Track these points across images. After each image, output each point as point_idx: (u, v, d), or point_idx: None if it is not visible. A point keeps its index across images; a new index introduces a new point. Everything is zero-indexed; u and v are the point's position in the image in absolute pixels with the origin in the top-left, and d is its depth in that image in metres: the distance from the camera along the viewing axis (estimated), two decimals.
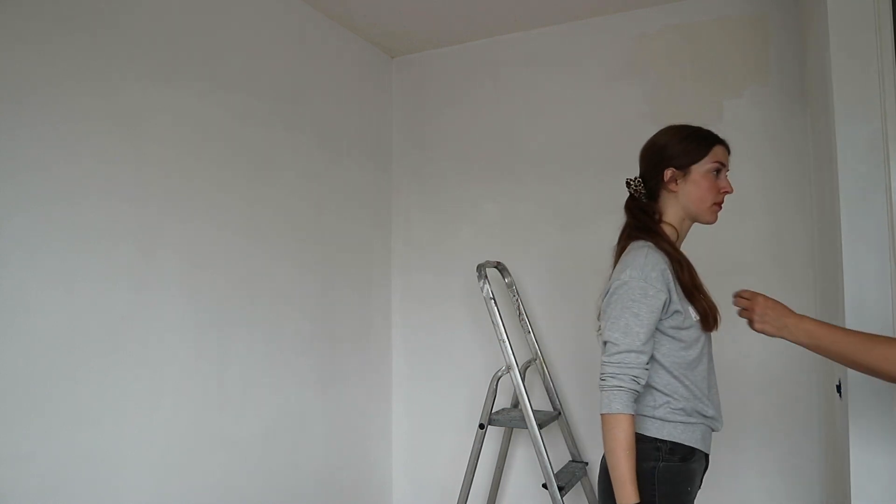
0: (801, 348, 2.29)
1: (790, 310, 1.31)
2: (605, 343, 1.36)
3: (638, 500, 1.26)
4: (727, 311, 1.46)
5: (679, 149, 1.44)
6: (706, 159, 1.43)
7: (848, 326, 1.57)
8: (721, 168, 1.45)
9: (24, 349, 1.52)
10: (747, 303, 1.36)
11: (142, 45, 1.84)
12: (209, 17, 2.07)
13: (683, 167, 1.44)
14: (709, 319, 1.40)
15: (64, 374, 1.60)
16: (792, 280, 2.30)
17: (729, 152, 1.48)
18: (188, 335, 1.95)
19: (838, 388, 1.72)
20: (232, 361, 2.11)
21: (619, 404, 1.28)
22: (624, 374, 1.30)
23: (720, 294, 1.47)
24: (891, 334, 1.54)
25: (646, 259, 1.35)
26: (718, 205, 1.46)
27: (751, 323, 1.35)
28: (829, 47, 1.63)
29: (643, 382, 1.32)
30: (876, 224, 1.56)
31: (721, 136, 1.48)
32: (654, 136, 1.51)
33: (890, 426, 1.53)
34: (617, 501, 1.27)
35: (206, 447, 2.00)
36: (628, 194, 1.53)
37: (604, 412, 1.31)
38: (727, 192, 1.46)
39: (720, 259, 2.31)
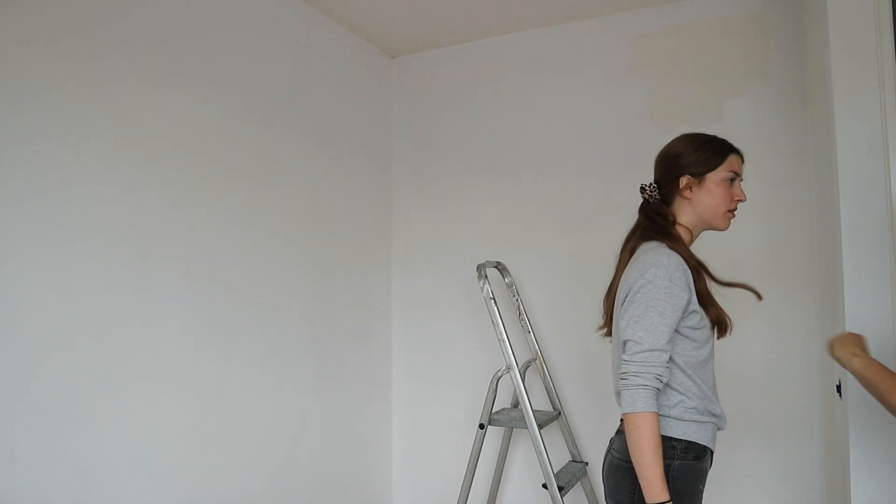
0: (802, 350, 2.29)
1: (863, 347, 1.32)
2: (625, 342, 1.35)
3: (668, 499, 1.25)
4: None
5: (695, 157, 1.46)
6: (721, 168, 1.45)
7: (847, 327, 1.57)
8: (735, 177, 1.47)
9: (23, 349, 1.52)
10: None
11: (142, 45, 1.84)
12: (209, 18, 2.07)
13: (698, 175, 1.46)
14: (724, 326, 1.42)
15: (63, 374, 1.60)
16: (792, 280, 2.30)
17: (743, 161, 1.50)
18: (188, 336, 1.95)
19: (838, 388, 1.72)
20: (232, 361, 2.11)
21: (644, 403, 1.28)
22: (647, 373, 1.30)
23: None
24: (890, 334, 1.54)
25: (669, 259, 1.35)
26: (732, 212, 1.49)
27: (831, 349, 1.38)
28: (829, 47, 1.63)
29: (665, 381, 1.32)
30: (876, 224, 1.56)
31: (735, 144, 1.49)
32: (670, 143, 1.53)
33: (890, 426, 1.53)
34: (647, 500, 1.26)
35: (206, 447, 2.00)
36: (642, 199, 1.54)
37: (628, 411, 1.30)
38: (741, 201, 1.48)
39: (720, 259, 2.29)
